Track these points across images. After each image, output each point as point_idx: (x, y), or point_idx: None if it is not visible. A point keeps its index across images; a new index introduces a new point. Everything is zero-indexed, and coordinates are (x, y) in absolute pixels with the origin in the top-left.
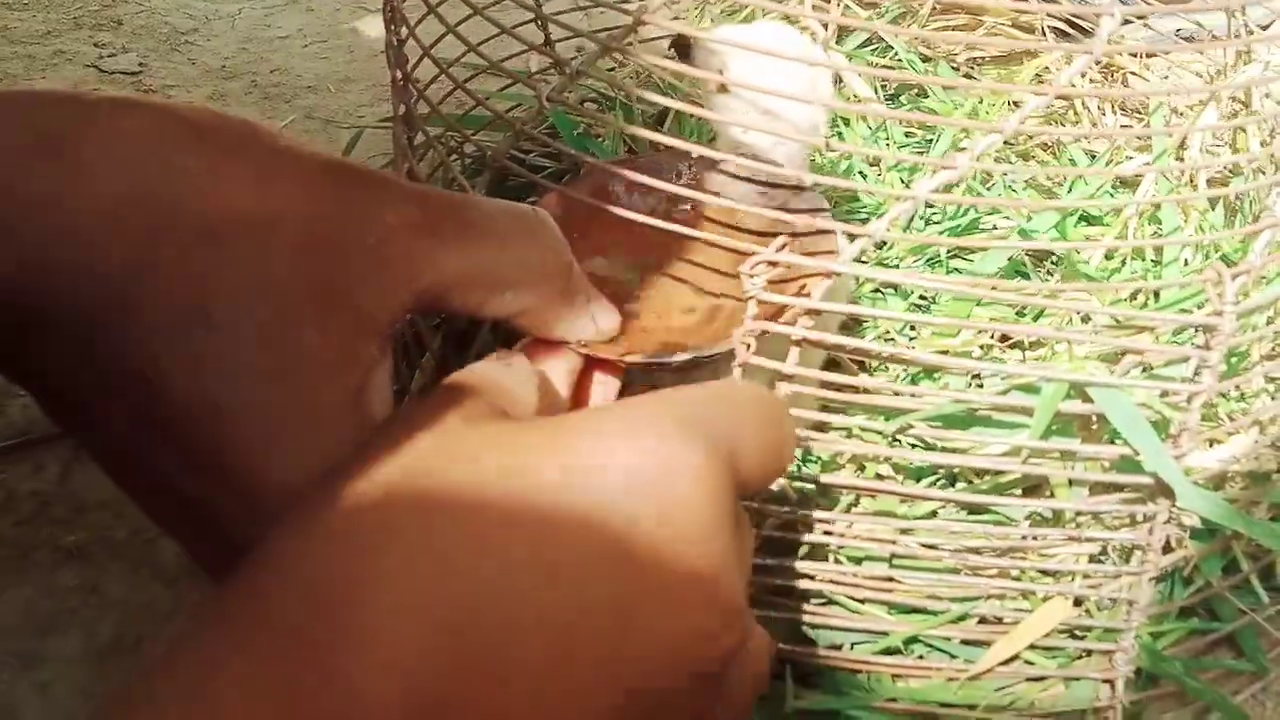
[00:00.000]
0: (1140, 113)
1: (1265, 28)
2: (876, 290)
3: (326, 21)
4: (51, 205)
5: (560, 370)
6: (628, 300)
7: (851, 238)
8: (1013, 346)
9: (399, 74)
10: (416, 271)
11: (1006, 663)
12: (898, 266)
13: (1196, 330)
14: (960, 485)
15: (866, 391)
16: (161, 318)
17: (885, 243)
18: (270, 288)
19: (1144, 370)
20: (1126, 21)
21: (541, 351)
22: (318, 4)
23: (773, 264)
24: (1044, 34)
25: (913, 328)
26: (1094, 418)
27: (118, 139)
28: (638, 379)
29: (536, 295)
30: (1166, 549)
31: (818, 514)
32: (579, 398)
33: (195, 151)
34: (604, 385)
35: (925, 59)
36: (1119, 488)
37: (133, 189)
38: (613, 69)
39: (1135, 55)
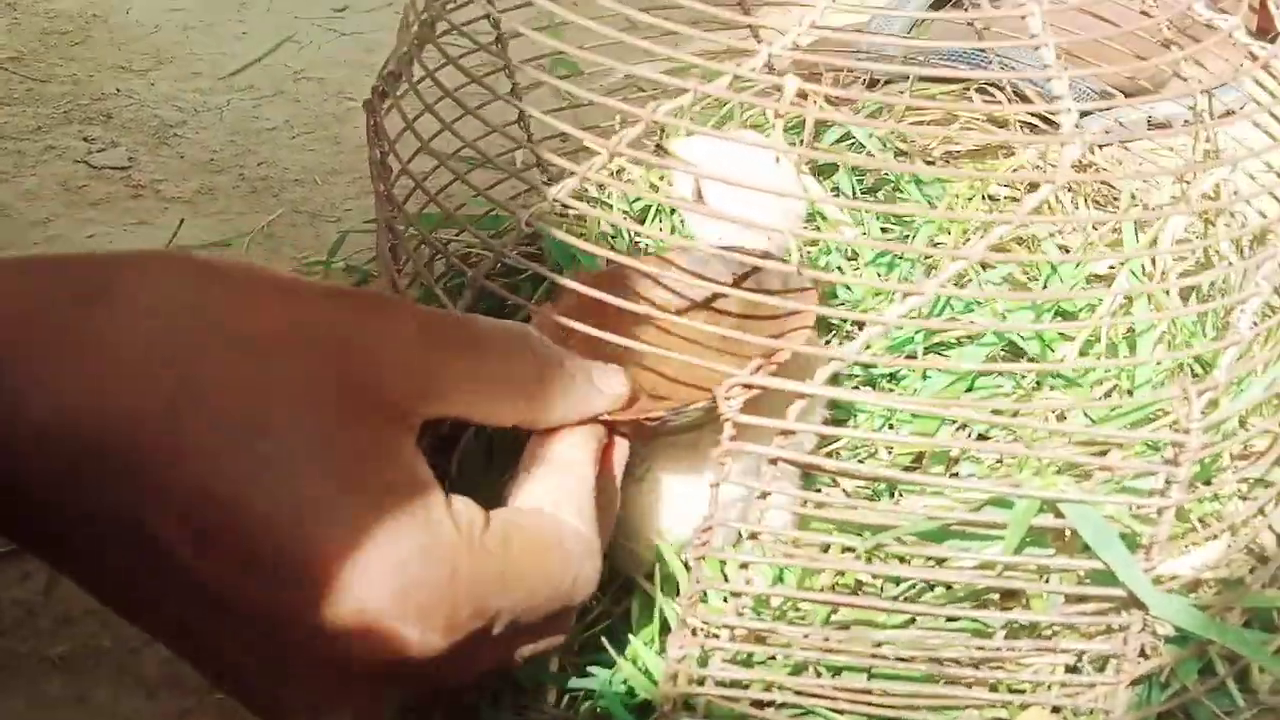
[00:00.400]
0: (1114, 202)
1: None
2: (855, 388)
3: (314, 112)
4: (93, 348)
5: (589, 443)
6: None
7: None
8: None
9: (383, 187)
10: (430, 383)
11: None
12: (874, 366)
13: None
14: (936, 593)
15: (849, 504)
16: (219, 436)
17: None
18: (315, 391)
19: (1115, 478)
20: (1085, 113)
21: (568, 429)
22: (304, 94)
23: (749, 387)
24: (1017, 127)
25: (891, 426)
26: (1067, 530)
27: (147, 281)
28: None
29: (536, 403)
30: (1142, 655)
31: (795, 628)
32: (603, 463)
33: (218, 285)
34: (622, 448)
35: (901, 152)
36: (1094, 598)
37: (170, 322)
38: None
39: (1105, 147)
